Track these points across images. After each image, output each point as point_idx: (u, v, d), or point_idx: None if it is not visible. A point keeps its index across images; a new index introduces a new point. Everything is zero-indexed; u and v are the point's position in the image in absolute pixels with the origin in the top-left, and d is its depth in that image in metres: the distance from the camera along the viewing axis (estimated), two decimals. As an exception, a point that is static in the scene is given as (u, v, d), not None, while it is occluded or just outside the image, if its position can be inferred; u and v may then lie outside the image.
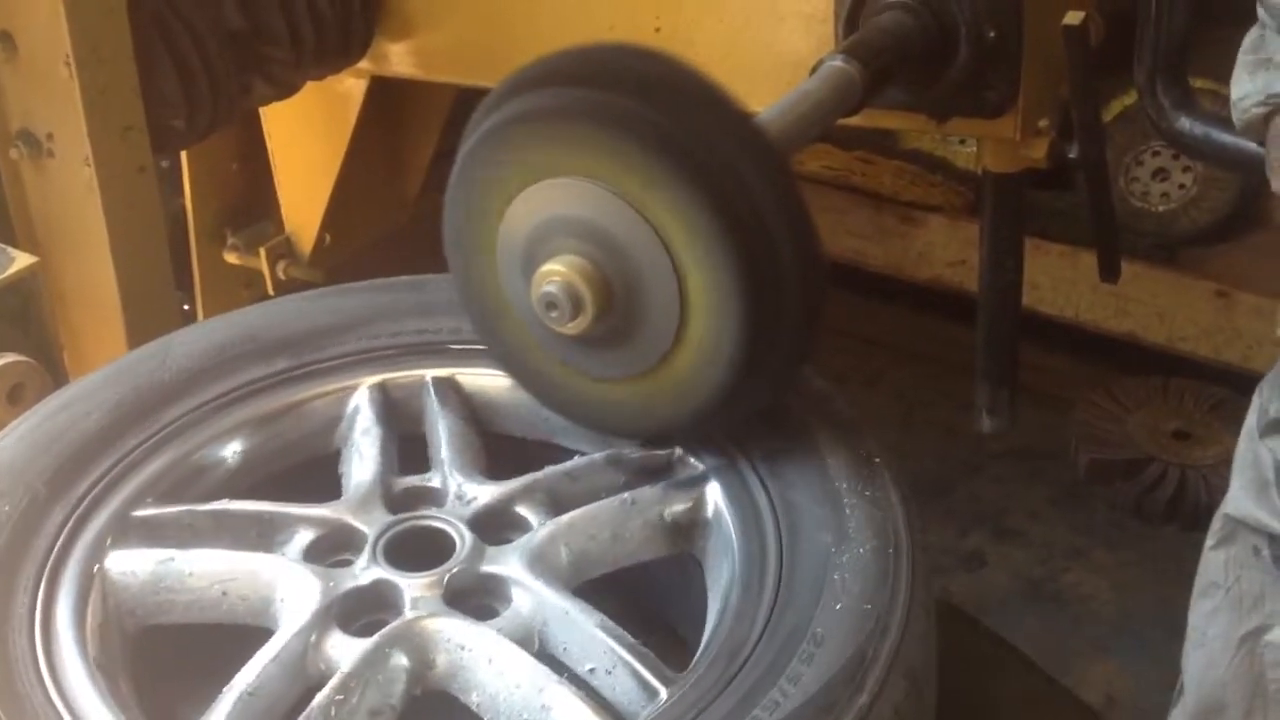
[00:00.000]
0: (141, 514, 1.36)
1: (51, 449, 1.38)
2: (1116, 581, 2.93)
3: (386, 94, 2.57)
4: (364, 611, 1.27)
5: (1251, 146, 1.41)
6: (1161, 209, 3.17)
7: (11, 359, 1.75)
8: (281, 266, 2.77)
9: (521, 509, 1.37)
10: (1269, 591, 1.47)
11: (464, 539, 1.31)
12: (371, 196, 2.81)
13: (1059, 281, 3.16)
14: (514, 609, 1.26)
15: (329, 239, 2.76)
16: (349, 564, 1.31)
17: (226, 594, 1.31)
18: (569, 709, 1.15)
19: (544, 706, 1.16)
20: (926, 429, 3.30)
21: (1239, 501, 1.47)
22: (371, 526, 1.33)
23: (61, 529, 1.31)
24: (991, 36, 1.79)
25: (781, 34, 1.99)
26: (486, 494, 1.37)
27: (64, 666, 1.20)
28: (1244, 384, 1.49)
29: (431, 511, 1.36)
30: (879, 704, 1.12)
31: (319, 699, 1.16)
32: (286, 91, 2.32)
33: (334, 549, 1.34)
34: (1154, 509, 3.01)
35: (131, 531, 1.34)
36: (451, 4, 2.29)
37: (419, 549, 1.31)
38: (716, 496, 1.35)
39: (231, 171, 2.73)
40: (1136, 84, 1.81)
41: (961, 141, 3.17)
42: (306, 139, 2.64)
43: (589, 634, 1.22)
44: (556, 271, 1.28)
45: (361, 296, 1.62)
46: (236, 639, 1.27)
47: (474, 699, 1.20)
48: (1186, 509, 2.98)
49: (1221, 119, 1.43)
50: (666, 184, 1.24)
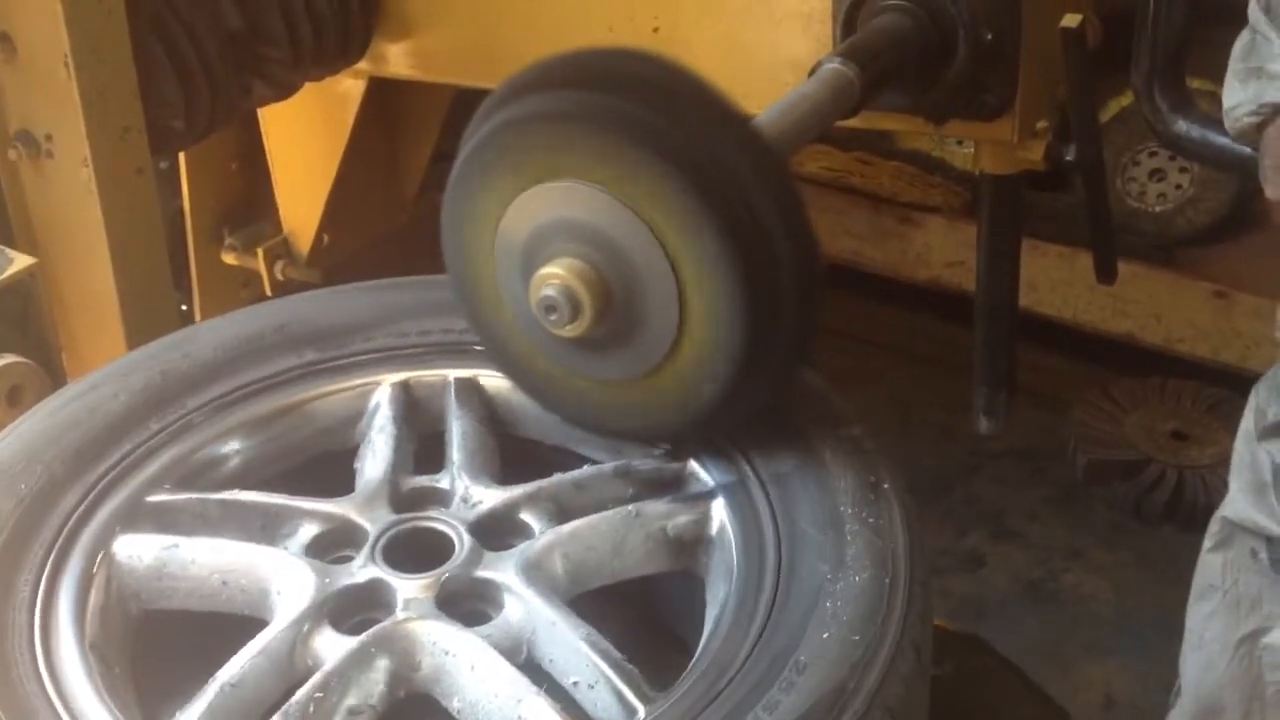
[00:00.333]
0: (154, 499, 1.36)
1: (73, 431, 1.38)
2: (1115, 582, 2.93)
3: (385, 95, 2.57)
4: (357, 610, 1.26)
5: (1248, 149, 1.42)
6: (1158, 209, 3.18)
7: (10, 360, 1.76)
8: (279, 267, 2.77)
9: (526, 515, 1.35)
10: (1267, 594, 1.48)
11: (463, 542, 1.30)
12: (369, 197, 2.81)
13: (1057, 282, 3.17)
14: (504, 616, 1.25)
15: (327, 239, 2.76)
16: (348, 561, 1.30)
17: (226, 584, 1.31)
18: (544, 722, 1.14)
19: (520, 718, 1.15)
20: (925, 429, 3.30)
21: (1237, 504, 1.48)
22: (374, 525, 1.33)
23: (74, 511, 1.32)
24: (989, 39, 1.79)
25: (779, 36, 1.99)
26: (492, 498, 1.36)
27: (58, 645, 1.20)
28: (1242, 384, 1.49)
29: (435, 513, 1.35)
30: (856, 738, 1.09)
31: (299, 695, 1.15)
32: (285, 92, 2.32)
33: (336, 545, 1.34)
34: (1152, 509, 3.01)
35: (143, 516, 1.34)
36: (450, 5, 2.29)
37: (418, 550, 1.31)
38: (722, 514, 1.32)
39: (230, 172, 2.73)
40: (1134, 87, 1.81)
41: (959, 142, 3.17)
42: (305, 140, 2.64)
43: (574, 647, 1.20)
44: (555, 274, 1.28)
45: (391, 293, 1.60)
46: (240, 629, 1.26)
47: (455, 704, 1.19)
48: (1184, 509, 2.98)
49: (1218, 121, 1.42)
50: (664, 186, 1.24)
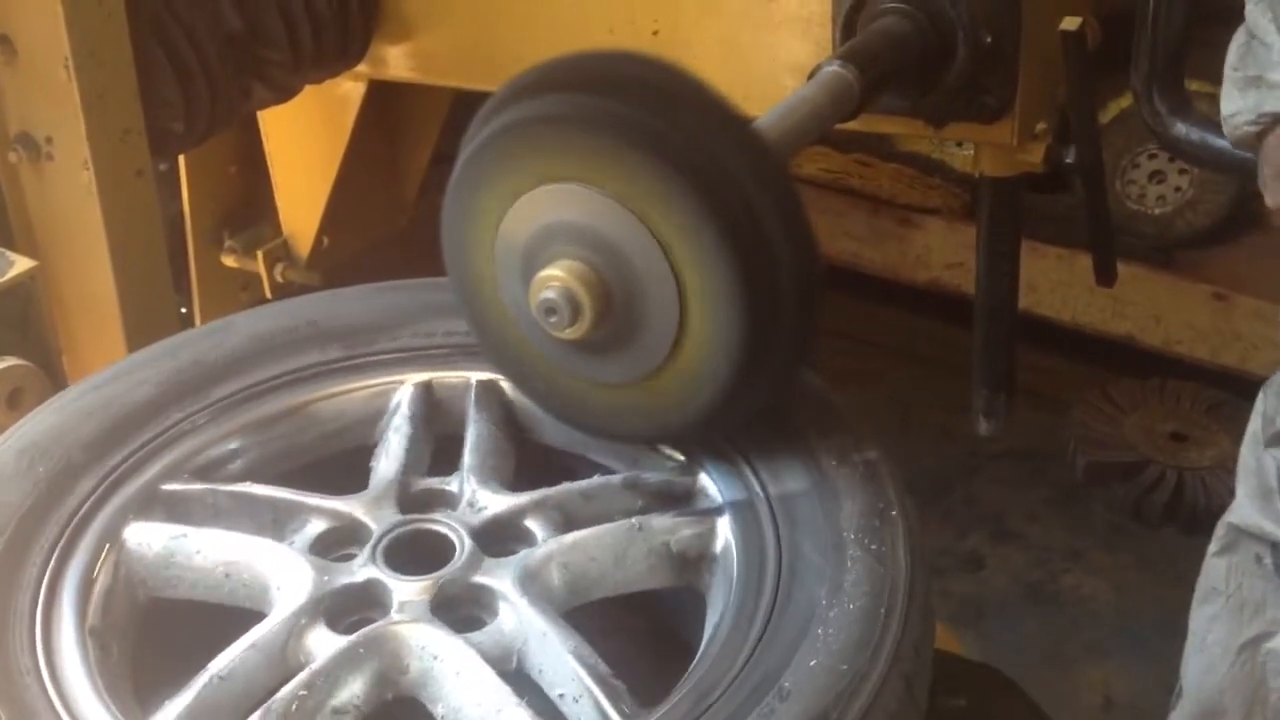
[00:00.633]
0: (169, 488, 1.36)
1: (96, 416, 1.39)
2: (1115, 583, 2.93)
3: (384, 97, 2.57)
4: (353, 609, 1.25)
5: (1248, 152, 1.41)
6: (1158, 211, 3.18)
7: (10, 363, 1.75)
8: (279, 269, 2.77)
9: (531, 523, 1.34)
10: (1271, 599, 1.47)
11: (464, 547, 1.29)
12: (369, 199, 2.80)
13: (1056, 284, 3.17)
14: (498, 624, 1.24)
15: (327, 242, 2.76)
16: (349, 560, 1.30)
17: (229, 576, 1.31)
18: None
19: None
20: (924, 430, 3.31)
21: (1243, 510, 1.47)
22: (379, 525, 1.32)
23: (89, 495, 1.33)
24: (988, 41, 1.79)
25: (779, 39, 1.99)
26: (498, 504, 1.35)
27: (57, 627, 1.21)
28: (1241, 386, 1.49)
29: (440, 516, 1.34)
30: (833, 771, 1.06)
31: (283, 691, 1.15)
32: (285, 95, 2.33)
33: (340, 543, 1.34)
34: (1152, 511, 3.02)
35: (156, 505, 1.35)
36: (449, 7, 2.29)
37: (419, 552, 1.30)
38: (727, 532, 1.31)
39: (229, 175, 2.73)
40: (1133, 89, 1.81)
41: (959, 144, 3.17)
42: (304, 142, 2.64)
43: (562, 659, 1.18)
44: (555, 277, 1.28)
45: (421, 293, 1.60)
46: (243, 622, 1.26)
47: (439, 710, 1.19)
48: (1184, 511, 2.98)
49: (1217, 124, 1.42)
50: (664, 189, 1.24)
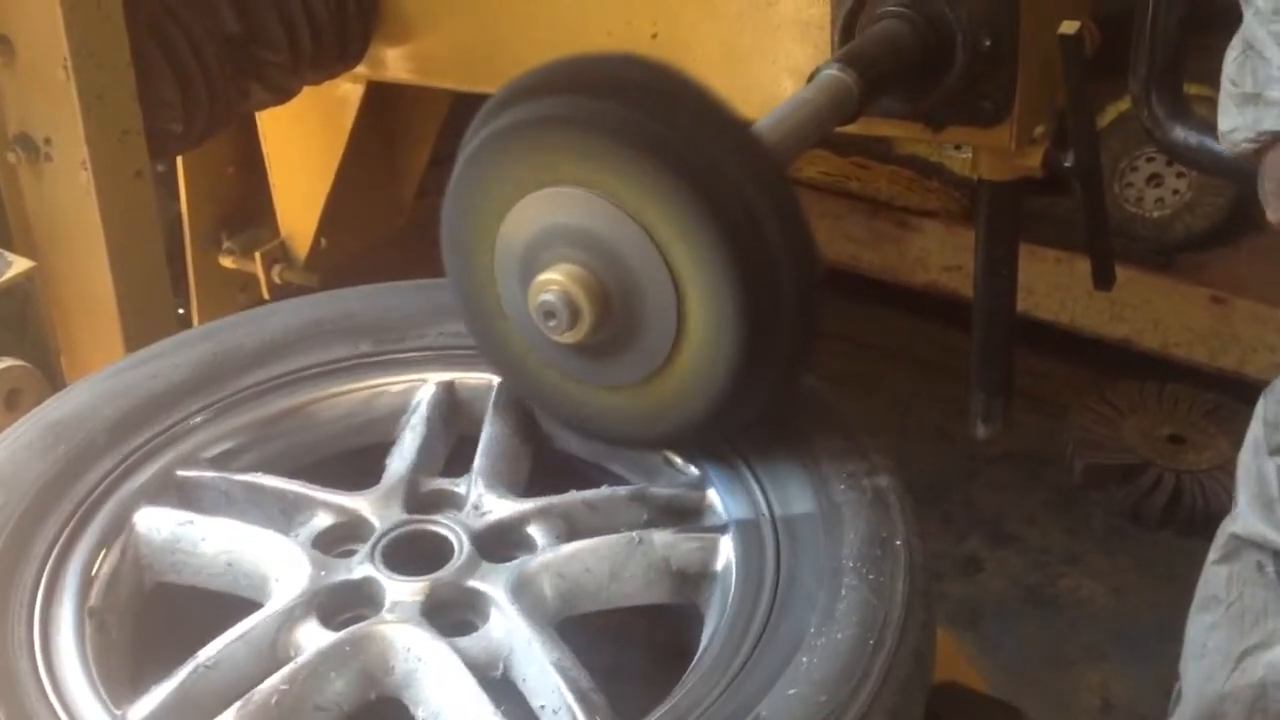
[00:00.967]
0: (183, 474, 1.37)
1: (123, 399, 1.40)
2: (1113, 586, 2.93)
3: (383, 99, 2.57)
4: (347, 606, 1.25)
5: (1246, 156, 1.42)
6: (1156, 214, 3.18)
7: (8, 364, 1.75)
8: (277, 271, 2.77)
9: (533, 530, 1.33)
10: (1272, 607, 1.47)
11: (462, 550, 1.28)
12: (367, 201, 2.81)
13: (1054, 287, 3.17)
14: (487, 630, 1.23)
15: (325, 243, 2.76)
16: (349, 556, 1.29)
17: (231, 565, 1.31)
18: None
19: None
20: (922, 433, 3.31)
21: (1245, 518, 1.47)
22: (382, 523, 1.32)
23: (106, 477, 1.33)
24: (987, 45, 1.79)
25: (778, 42, 1.99)
26: (502, 509, 1.34)
27: (57, 605, 1.22)
28: (1239, 389, 1.49)
29: (443, 517, 1.33)
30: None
31: (264, 685, 1.14)
32: (283, 96, 2.33)
33: (343, 539, 1.33)
34: (1150, 513, 3.02)
35: (170, 490, 1.35)
36: (448, 9, 2.29)
37: (417, 553, 1.30)
38: (729, 551, 1.29)
39: (227, 176, 2.73)
40: (1131, 94, 1.82)
41: (957, 147, 3.17)
42: (303, 144, 2.64)
43: (544, 670, 1.17)
44: (554, 280, 1.28)
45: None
46: (245, 612, 1.25)
47: (420, 713, 1.18)
48: (1182, 514, 2.99)
49: (1216, 127, 1.42)
50: (663, 192, 1.24)
